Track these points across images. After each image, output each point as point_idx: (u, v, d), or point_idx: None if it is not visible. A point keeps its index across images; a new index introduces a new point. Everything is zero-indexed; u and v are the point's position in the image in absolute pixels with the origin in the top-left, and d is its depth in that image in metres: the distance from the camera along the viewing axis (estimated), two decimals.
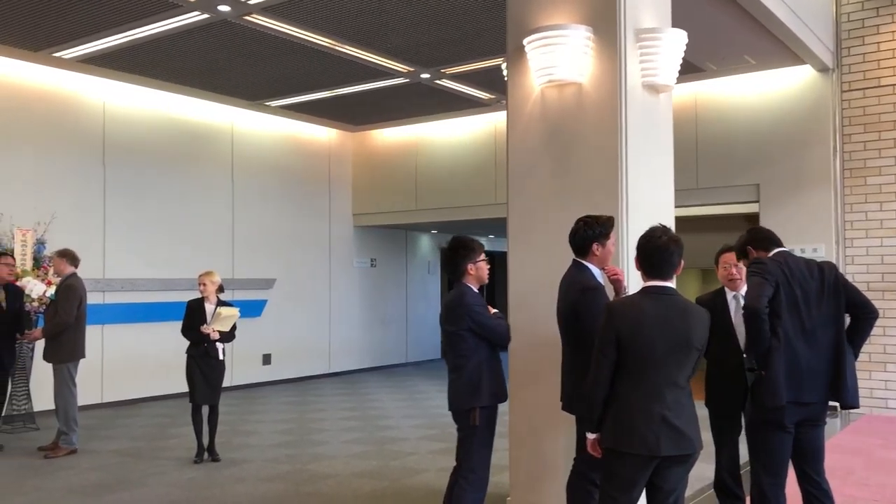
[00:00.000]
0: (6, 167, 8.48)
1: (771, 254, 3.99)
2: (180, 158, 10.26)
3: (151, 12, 7.01)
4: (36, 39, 7.78)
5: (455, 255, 4.21)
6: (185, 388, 6.75)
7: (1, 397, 7.23)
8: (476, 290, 4.20)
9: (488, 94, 10.14)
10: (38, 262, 8.05)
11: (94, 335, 8.31)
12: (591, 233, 3.84)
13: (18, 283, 7.56)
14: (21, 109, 8.67)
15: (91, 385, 8.87)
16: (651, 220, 3.65)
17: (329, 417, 8.72)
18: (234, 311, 6.72)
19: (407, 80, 9.38)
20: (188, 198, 10.33)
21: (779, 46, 7.88)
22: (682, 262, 3.30)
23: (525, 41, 4.70)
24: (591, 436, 3.32)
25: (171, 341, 9.86)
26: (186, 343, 6.70)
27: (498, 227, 12.62)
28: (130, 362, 9.55)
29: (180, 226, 10.21)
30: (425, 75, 9.16)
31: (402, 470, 6.30)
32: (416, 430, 7.93)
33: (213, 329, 6.58)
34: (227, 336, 6.73)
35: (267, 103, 10.60)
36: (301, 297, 11.85)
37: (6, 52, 8.23)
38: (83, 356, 7.11)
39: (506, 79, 5.11)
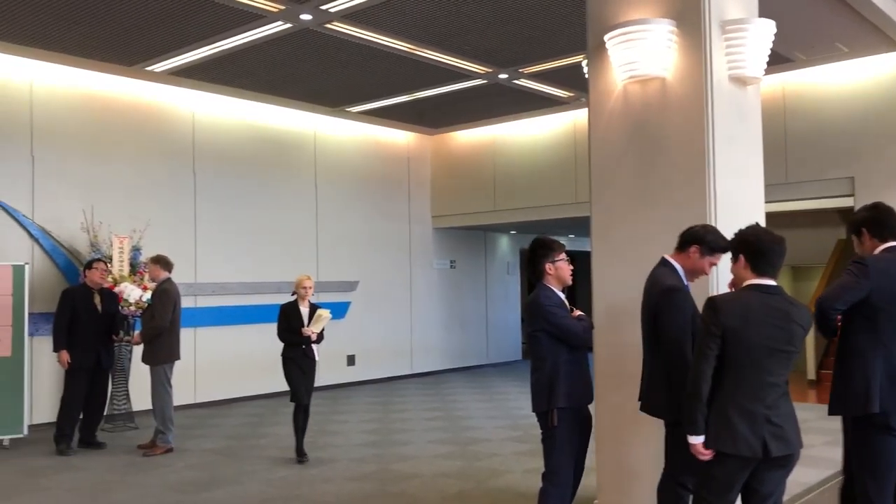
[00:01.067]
0: (104, 178, 8.89)
1: (880, 249, 3.83)
2: (266, 165, 10.54)
3: (237, 24, 7.23)
4: (129, 54, 8.12)
5: (534, 255, 4.15)
6: (273, 388, 6.94)
7: (102, 397, 7.57)
8: (558, 290, 4.10)
9: (567, 92, 10.04)
10: (134, 267, 8.39)
11: (187, 337, 8.62)
12: (701, 237, 3.71)
13: (116, 289, 7.92)
14: (117, 122, 9.07)
15: (185, 385, 9.19)
16: (740, 216, 3.55)
17: (413, 418, 8.80)
18: (328, 313, 6.92)
19: (485, 81, 9.38)
20: (274, 203, 10.61)
21: (873, 32, 7.53)
22: None
23: (606, 37, 4.63)
24: (696, 440, 3.18)
25: (258, 343, 10.17)
26: (274, 345, 6.87)
27: (579, 226, 12.48)
28: (221, 364, 9.87)
29: (266, 231, 10.49)
30: (503, 75, 9.14)
31: (488, 471, 6.30)
32: (500, 432, 7.92)
33: (312, 331, 6.77)
34: (320, 337, 6.92)
35: (348, 109, 10.78)
36: (383, 299, 12.00)
37: (102, 68, 8.62)
38: (178, 358, 7.39)
39: (586, 76, 5.05)
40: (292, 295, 6.97)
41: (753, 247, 3.19)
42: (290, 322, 6.79)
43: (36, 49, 7.90)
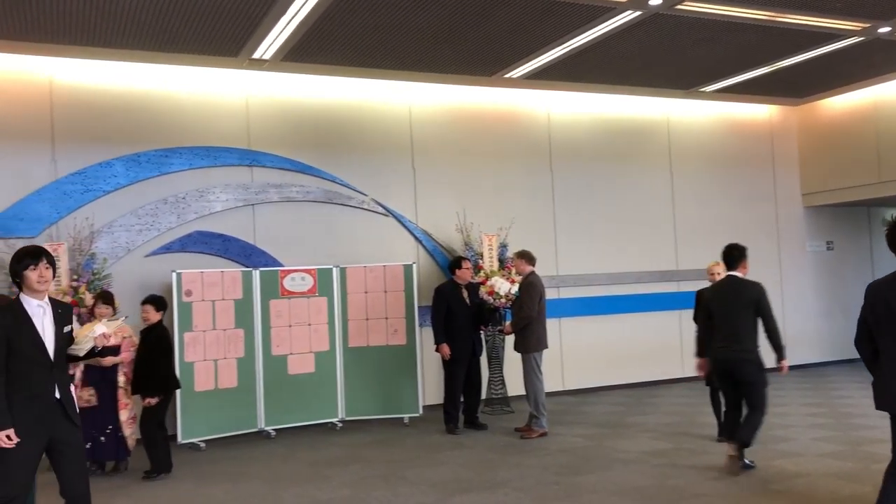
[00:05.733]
0: (473, 182, 9.68)
1: None
2: (619, 156, 10.60)
3: (587, 20, 7.37)
4: (489, 65, 8.73)
5: (889, 235, 3.91)
6: (638, 378, 6.95)
7: (478, 382, 8.18)
8: None
9: None
10: (502, 263, 9.02)
11: (552, 327, 8.99)
12: None
13: (488, 283, 8.58)
14: (481, 130, 9.82)
15: (553, 373, 9.61)
16: None
17: (792, 413, 8.17)
18: None
19: (861, 39, 8.34)
20: (629, 193, 10.62)
21: None
22: None
23: None
24: None
25: (621, 333, 10.27)
26: (639, 334, 6.89)
27: None
28: (585, 353, 10.13)
29: (623, 221, 10.54)
30: (885, 29, 8.02)
31: None
32: None
33: None
34: None
35: (701, 89, 10.36)
36: None
37: (467, 81, 9.37)
38: (546, 346, 7.76)
39: None
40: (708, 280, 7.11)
41: None
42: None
43: (411, 73, 8.88)
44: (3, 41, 7.17)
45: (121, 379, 6.60)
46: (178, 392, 7.41)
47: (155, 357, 6.49)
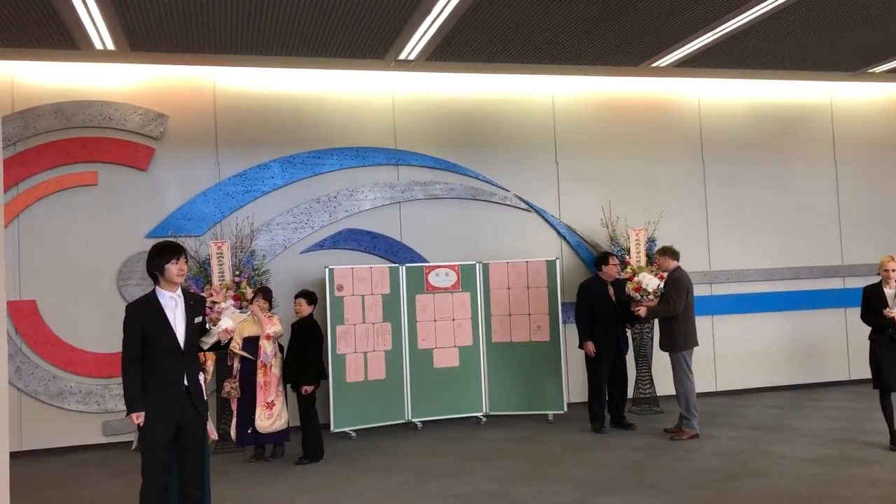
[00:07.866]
0: (618, 175, 9.45)
1: None
2: (776, 144, 10.01)
3: (742, 1, 6.99)
4: (636, 54, 8.47)
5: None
6: (797, 380, 6.56)
7: (624, 381, 7.97)
8: None
9: None
10: (650, 258, 8.76)
11: (703, 326, 8.64)
12: None
13: (635, 279, 8.35)
14: (626, 121, 9.56)
15: (705, 373, 9.22)
16: None
17: None
18: None
19: None
20: (787, 184, 10.01)
21: None
22: None
23: None
24: None
25: (779, 332, 9.72)
26: (796, 334, 6.50)
27: None
28: (740, 352, 9.65)
29: (781, 213, 9.95)
30: None
31: None
32: None
33: None
34: None
35: (870, 70, 9.59)
36: None
37: (612, 72, 9.16)
38: (696, 345, 7.46)
39: None
40: (877, 274, 6.76)
41: None
42: (871, 304, 6.60)
43: (554, 66, 8.78)
44: (174, 54, 7.74)
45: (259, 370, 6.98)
46: (330, 383, 7.74)
47: (307, 348, 6.83)
